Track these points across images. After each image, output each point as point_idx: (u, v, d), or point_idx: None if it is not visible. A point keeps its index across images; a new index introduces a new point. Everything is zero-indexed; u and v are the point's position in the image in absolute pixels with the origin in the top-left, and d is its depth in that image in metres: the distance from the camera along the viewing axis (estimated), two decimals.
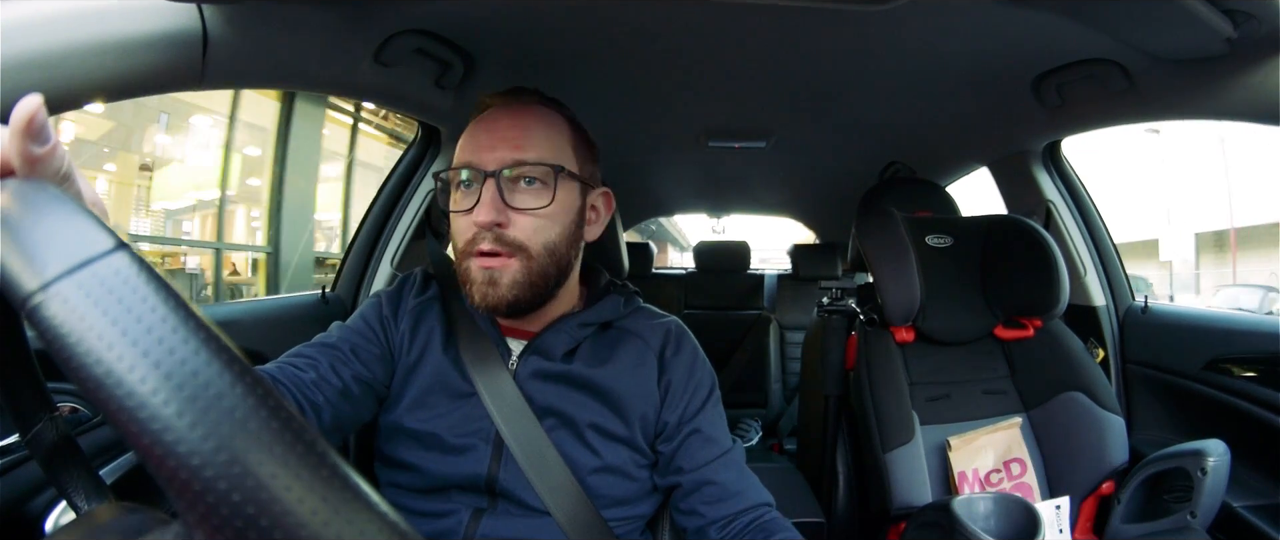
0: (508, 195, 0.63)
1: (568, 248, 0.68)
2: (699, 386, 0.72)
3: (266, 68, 0.78)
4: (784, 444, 2.23)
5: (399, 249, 1.26)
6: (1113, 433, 1.08)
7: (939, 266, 1.21)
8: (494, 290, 0.63)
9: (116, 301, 0.20)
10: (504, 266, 0.63)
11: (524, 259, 0.63)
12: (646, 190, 2.28)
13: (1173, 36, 0.82)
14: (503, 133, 0.65)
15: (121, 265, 0.21)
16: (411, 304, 0.73)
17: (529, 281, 0.64)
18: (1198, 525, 0.92)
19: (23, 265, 0.21)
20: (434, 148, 1.28)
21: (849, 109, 1.33)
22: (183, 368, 0.20)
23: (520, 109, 0.68)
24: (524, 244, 0.63)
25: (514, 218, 0.63)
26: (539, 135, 0.66)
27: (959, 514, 0.80)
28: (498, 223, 0.62)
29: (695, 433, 0.70)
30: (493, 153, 0.64)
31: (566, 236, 0.67)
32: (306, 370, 0.63)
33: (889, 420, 1.09)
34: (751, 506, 0.68)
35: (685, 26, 0.95)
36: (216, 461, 0.19)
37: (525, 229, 0.63)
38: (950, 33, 0.93)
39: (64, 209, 0.23)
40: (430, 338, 0.71)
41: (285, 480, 0.19)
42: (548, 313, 0.72)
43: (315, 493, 0.19)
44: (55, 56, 0.55)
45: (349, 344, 0.68)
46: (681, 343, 0.74)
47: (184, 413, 0.19)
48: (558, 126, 0.69)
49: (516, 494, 0.65)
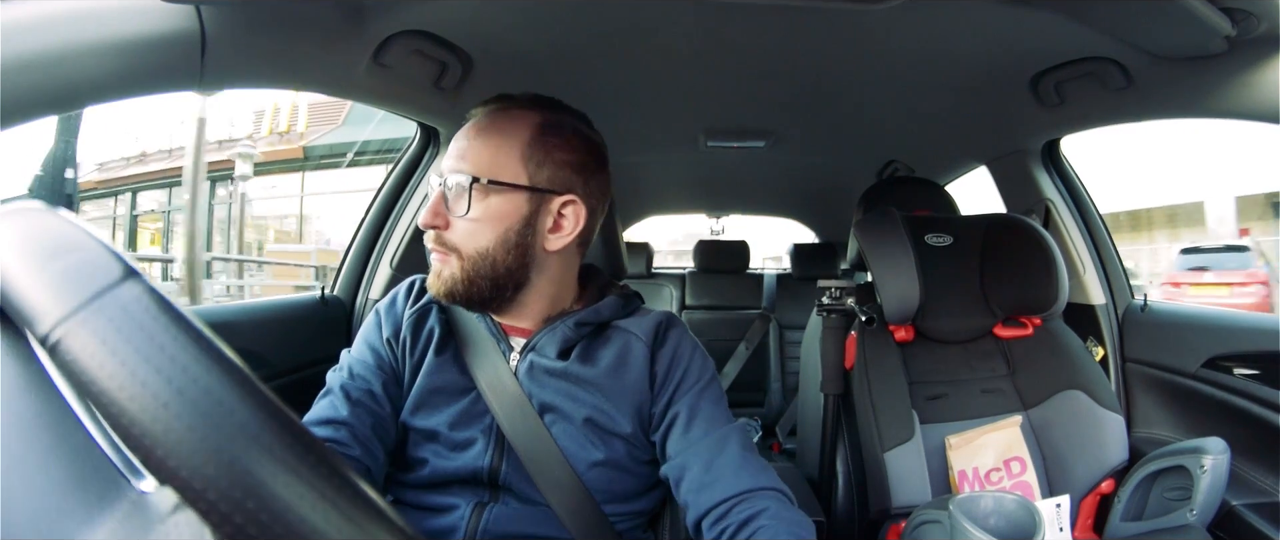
0: (450, 201, 0.67)
1: (506, 254, 0.67)
2: (687, 372, 0.72)
3: (265, 69, 0.78)
4: (783, 443, 2.23)
5: (398, 250, 1.26)
6: (1112, 431, 1.09)
7: (938, 265, 1.21)
8: (435, 280, 0.69)
9: (137, 330, 0.20)
10: (444, 262, 0.68)
11: (457, 259, 0.67)
12: (645, 190, 2.28)
13: (1172, 35, 0.82)
14: (461, 143, 0.68)
15: (136, 293, 0.21)
16: (407, 312, 0.74)
17: (464, 279, 0.67)
18: (1197, 523, 0.92)
19: (37, 300, 0.21)
20: (433, 148, 1.28)
21: (848, 108, 1.34)
22: (207, 397, 0.20)
23: (485, 121, 0.69)
24: (457, 246, 0.67)
25: (453, 222, 0.67)
26: (481, 146, 0.68)
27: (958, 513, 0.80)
28: (433, 225, 0.66)
29: (678, 417, 0.70)
30: (448, 160, 0.68)
31: (503, 244, 0.67)
32: (362, 430, 0.67)
33: (888, 419, 1.09)
34: (742, 493, 0.64)
35: (684, 26, 0.95)
36: (234, 496, 0.19)
37: (458, 233, 0.67)
38: (949, 32, 0.93)
39: (71, 235, 0.22)
40: (429, 339, 0.72)
41: (306, 499, 0.19)
42: (533, 312, 0.72)
43: (337, 509, 0.20)
44: (55, 56, 0.55)
45: (379, 380, 0.71)
46: (669, 331, 0.75)
47: (205, 451, 0.19)
48: (512, 134, 0.68)
49: (518, 487, 0.67)
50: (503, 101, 0.71)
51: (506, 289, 0.69)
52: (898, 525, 1.05)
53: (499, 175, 0.66)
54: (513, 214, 0.67)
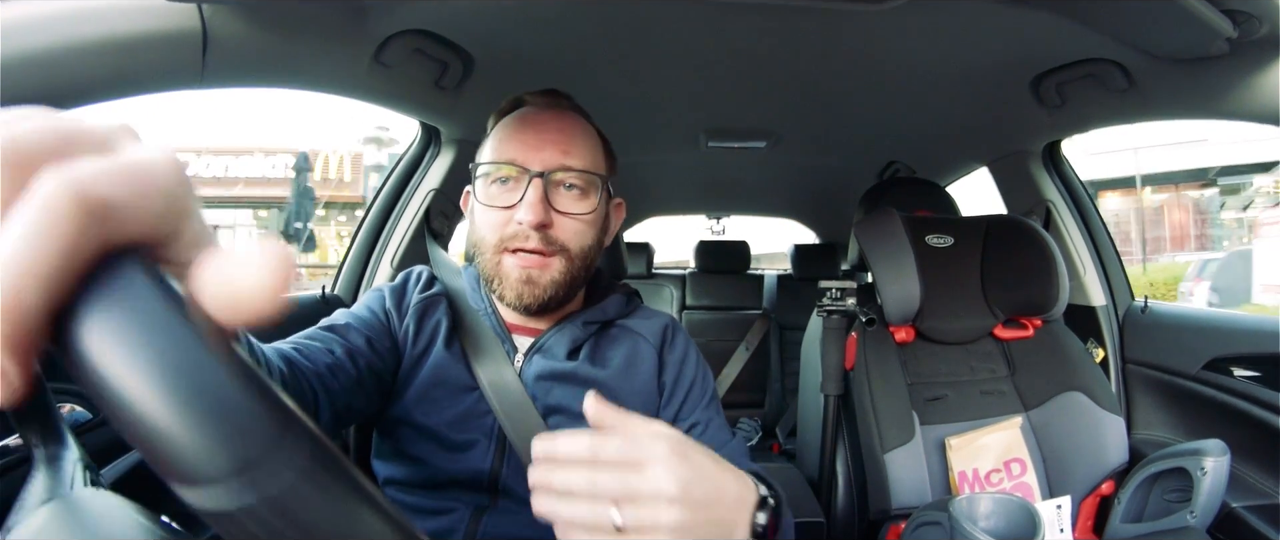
0: (552, 197, 0.64)
1: (597, 254, 0.70)
2: (695, 383, 0.73)
3: (266, 68, 0.78)
4: (783, 444, 2.23)
5: (399, 249, 1.26)
6: (1112, 432, 1.09)
7: (939, 266, 1.21)
8: (531, 289, 0.64)
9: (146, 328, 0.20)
10: (545, 266, 0.64)
11: (565, 259, 0.65)
12: (645, 190, 2.28)
13: (1173, 36, 0.82)
14: (550, 135, 0.66)
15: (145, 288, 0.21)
16: (415, 299, 0.73)
17: (567, 281, 0.66)
18: (1197, 525, 0.92)
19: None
20: (434, 148, 1.28)
21: (849, 109, 1.33)
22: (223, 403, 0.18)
23: (562, 114, 0.69)
24: (566, 245, 0.65)
25: (558, 219, 0.65)
26: (583, 142, 0.67)
27: (958, 514, 0.80)
28: (545, 223, 0.63)
29: (692, 430, 0.70)
30: (539, 153, 0.65)
31: (598, 243, 0.70)
32: (322, 355, 0.61)
33: (888, 420, 1.09)
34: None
35: (685, 27, 0.95)
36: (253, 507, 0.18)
37: (568, 231, 0.65)
38: (950, 32, 0.93)
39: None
40: (435, 333, 0.71)
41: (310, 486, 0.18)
42: (554, 312, 0.72)
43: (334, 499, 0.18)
44: (55, 56, 0.55)
45: (362, 334, 0.67)
46: (675, 337, 0.75)
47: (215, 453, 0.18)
48: (594, 136, 0.71)
49: (519, 491, 0.65)
50: (561, 98, 0.72)
51: (579, 290, 0.70)
52: (897, 526, 1.05)
53: (604, 172, 0.69)
54: (601, 212, 0.69)
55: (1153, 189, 11.26)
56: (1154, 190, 11.27)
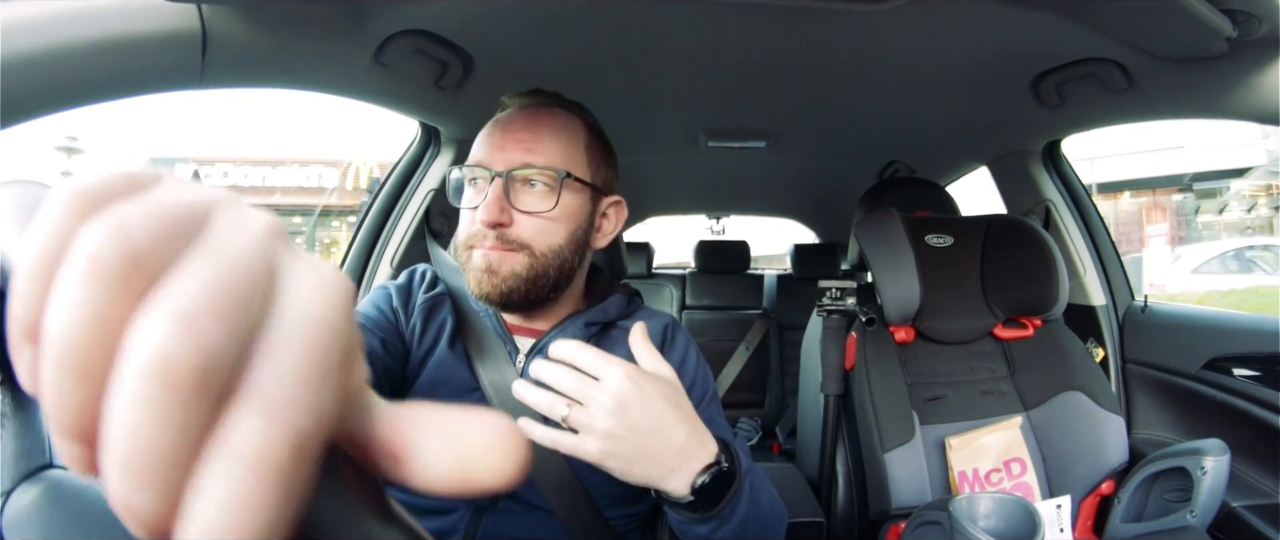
0: (513, 196, 0.64)
1: (572, 253, 0.68)
2: (695, 381, 0.72)
3: (266, 68, 0.78)
4: (783, 444, 2.23)
5: (399, 249, 1.26)
6: (1112, 432, 1.09)
7: (938, 266, 1.21)
8: (491, 278, 0.64)
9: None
10: (504, 259, 0.64)
11: (525, 255, 0.65)
12: (645, 190, 2.28)
13: (1172, 36, 0.82)
14: (516, 134, 0.66)
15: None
16: (421, 298, 0.73)
17: (532, 277, 0.65)
18: (1197, 525, 0.92)
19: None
20: (434, 148, 1.28)
21: (849, 109, 1.33)
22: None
23: (536, 111, 0.68)
24: (527, 243, 0.64)
25: (517, 218, 0.64)
26: (550, 139, 0.66)
27: (958, 514, 0.80)
28: (499, 222, 0.63)
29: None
30: (502, 153, 0.65)
31: (572, 242, 0.68)
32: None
33: (888, 420, 1.09)
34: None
35: (685, 26, 0.94)
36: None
37: (528, 229, 0.65)
38: (949, 32, 0.93)
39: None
40: (440, 332, 0.71)
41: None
42: (554, 313, 0.72)
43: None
44: (55, 56, 0.55)
45: (376, 336, 0.67)
46: (676, 336, 0.75)
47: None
48: (573, 131, 0.69)
49: (519, 492, 0.66)
50: (540, 97, 0.71)
51: (560, 289, 0.69)
52: (897, 526, 1.05)
53: (577, 171, 0.67)
54: (581, 212, 0.68)
55: (1131, 194, 11.29)
56: (1132, 195, 11.29)
